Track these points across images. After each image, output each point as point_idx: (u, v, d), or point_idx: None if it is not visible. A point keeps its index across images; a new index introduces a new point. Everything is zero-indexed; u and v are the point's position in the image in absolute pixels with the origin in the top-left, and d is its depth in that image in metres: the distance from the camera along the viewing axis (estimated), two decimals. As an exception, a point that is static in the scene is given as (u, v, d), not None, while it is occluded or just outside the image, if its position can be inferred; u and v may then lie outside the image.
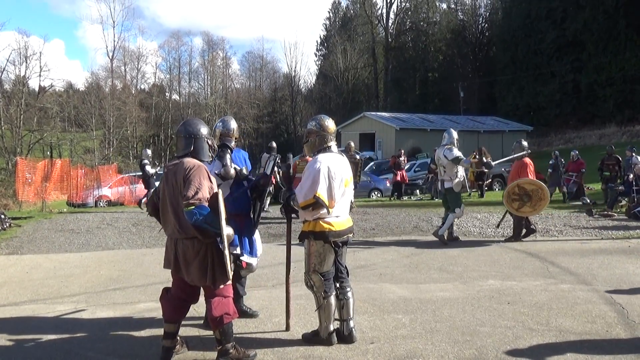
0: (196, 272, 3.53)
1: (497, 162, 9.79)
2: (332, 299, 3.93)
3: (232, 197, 4.26)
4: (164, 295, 3.77)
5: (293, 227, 4.37)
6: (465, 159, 8.56)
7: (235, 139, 4.62)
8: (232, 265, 3.66)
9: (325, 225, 3.86)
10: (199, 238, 3.50)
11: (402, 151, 19.02)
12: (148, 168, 13.50)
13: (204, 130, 3.76)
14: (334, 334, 3.97)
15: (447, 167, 8.50)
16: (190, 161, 3.59)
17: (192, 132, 3.71)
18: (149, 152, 15.48)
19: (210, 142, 3.80)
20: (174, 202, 3.55)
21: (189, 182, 3.44)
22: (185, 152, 3.67)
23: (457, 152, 8.45)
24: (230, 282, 3.68)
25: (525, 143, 9.12)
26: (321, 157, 3.91)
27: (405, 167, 18.85)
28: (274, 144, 14.01)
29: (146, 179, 13.65)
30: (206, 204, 3.41)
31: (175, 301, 3.72)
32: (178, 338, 3.80)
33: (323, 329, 3.95)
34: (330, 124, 4.04)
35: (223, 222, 3.42)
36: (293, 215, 4.14)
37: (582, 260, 6.90)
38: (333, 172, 3.85)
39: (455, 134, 8.75)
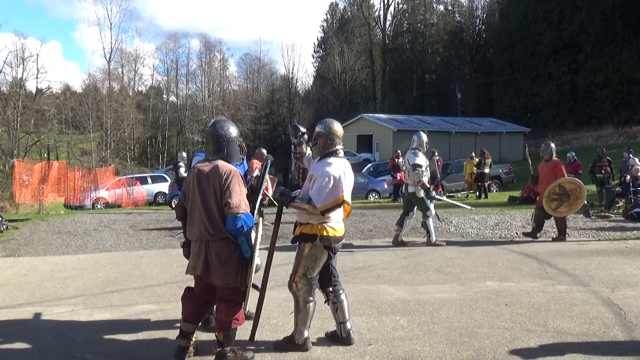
0: (232, 272, 3.52)
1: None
2: (312, 305, 3.90)
3: None
4: (186, 295, 3.75)
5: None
6: (420, 171, 8.15)
7: None
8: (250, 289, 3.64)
9: (331, 231, 3.86)
10: (231, 239, 3.50)
11: (399, 152, 19.05)
12: (181, 171, 13.95)
13: (234, 131, 3.71)
14: (309, 340, 3.95)
15: (410, 172, 8.34)
16: (225, 166, 3.56)
17: (224, 135, 3.65)
18: (185, 154, 15.91)
19: (240, 144, 3.77)
20: (206, 204, 3.52)
21: (230, 190, 3.44)
22: (219, 156, 3.63)
23: (418, 160, 8.23)
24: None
25: (553, 145, 9.22)
26: (335, 161, 3.90)
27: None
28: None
29: (179, 182, 14.50)
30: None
31: (197, 302, 3.71)
32: (193, 339, 3.78)
33: (298, 334, 3.91)
34: (338, 127, 4.07)
35: (257, 250, 3.50)
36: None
37: (580, 261, 6.91)
38: (347, 178, 3.89)
39: (424, 137, 8.51)
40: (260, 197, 4.11)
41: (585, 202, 13.35)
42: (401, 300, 5.22)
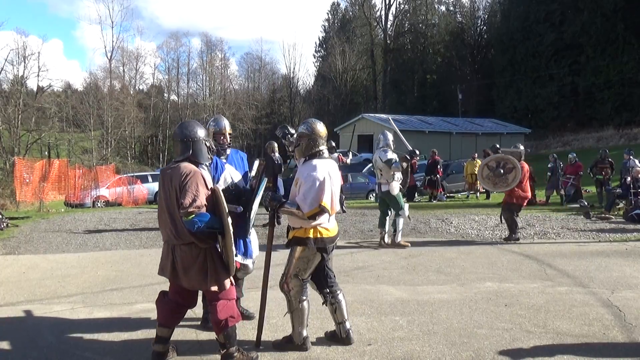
0: (196, 277, 3.51)
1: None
2: (305, 304, 3.89)
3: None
4: (160, 299, 3.73)
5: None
6: (396, 162, 8.25)
7: (229, 134, 4.52)
8: (234, 261, 3.62)
9: (325, 232, 3.84)
10: (195, 244, 3.48)
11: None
12: None
13: (201, 132, 3.69)
14: (308, 339, 3.94)
15: (383, 170, 8.33)
16: (186, 167, 3.53)
17: (190, 136, 3.64)
18: None
19: (208, 144, 3.76)
20: (170, 207, 3.52)
21: (185, 189, 3.39)
22: (184, 156, 3.62)
23: (390, 155, 8.30)
24: (233, 284, 3.68)
25: (522, 147, 9.24)
26: (319, 163, 3.84)
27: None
28: (333, 143, 11.57)
29: None
30: (204, 210, 3.39)
31: (172, 305, 3.69)
32: (170, 343, 3.77)
33: (296, 335, 3.90)
34: (321, 127, 3.97)
35: (228, 217, 3.42)
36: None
37: (580, 262, 6.92)
38: (332, 180, 3.85)
39: (390, 137, 8.56)
40: (259, 198, 4.06)
41: (586, 203, 13.41)
42: (401, 300, 5.22)
